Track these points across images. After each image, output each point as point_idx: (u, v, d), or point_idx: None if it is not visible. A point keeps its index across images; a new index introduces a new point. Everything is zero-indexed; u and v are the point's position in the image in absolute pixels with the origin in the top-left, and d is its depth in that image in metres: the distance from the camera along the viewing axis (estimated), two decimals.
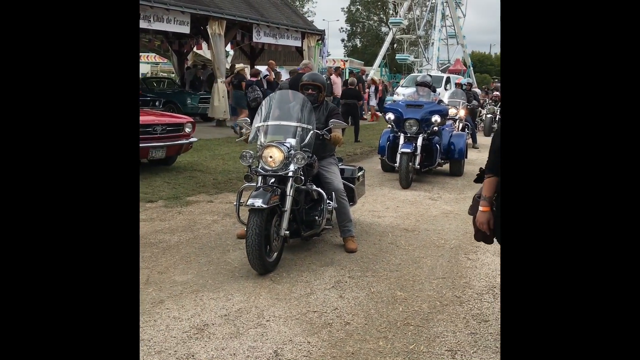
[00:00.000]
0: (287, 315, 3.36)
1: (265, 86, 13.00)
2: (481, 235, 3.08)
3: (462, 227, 5.61)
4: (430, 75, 11.11)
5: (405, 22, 42.87)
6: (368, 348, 2.98)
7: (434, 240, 5.13)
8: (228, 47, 18.09)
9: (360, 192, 5.48)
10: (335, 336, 3.10)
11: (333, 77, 16.32)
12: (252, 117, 12.06)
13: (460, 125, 11.22)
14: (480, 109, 15.78)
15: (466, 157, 9.12)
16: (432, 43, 40.69)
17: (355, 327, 3.23)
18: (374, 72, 35.15)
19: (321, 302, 3.58)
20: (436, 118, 7.89)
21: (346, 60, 36.02)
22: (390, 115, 8.13)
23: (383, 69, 40.73)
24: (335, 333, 3.14)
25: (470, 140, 12.00)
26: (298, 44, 17.32)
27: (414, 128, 7.83)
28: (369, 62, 43.44)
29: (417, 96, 8.50)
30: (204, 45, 17.83)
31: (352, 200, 5.09)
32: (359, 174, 5.38)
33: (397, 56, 44.69)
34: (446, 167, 8.97)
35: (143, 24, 12.42)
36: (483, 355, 2.94)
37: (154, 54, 26.52)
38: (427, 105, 8.11)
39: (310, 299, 3.62)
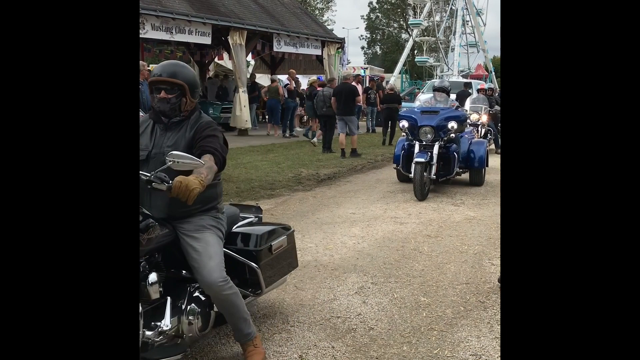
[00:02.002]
0: (311, 321, 3.39)
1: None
2: None
3: (485, 233, 5.58)
4: (468, 83, 10.72)
5: (425, 24, 42.82)
6: (392, 353, 2.99)
7: (457, 246, 5.12)
8: (249, 57, 18.28)
9: (277, 272, 3.14)
10: (359, 341, 3.13)
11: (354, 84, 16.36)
12: (322, 125, 12.28)
13: (483, 130, 11.13)
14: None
15: (487, 166, 8.66)
16: (453, 49, 40.52)
17: (379, 332, 3.25)
18: (394, 79, 35.12)
19: (345, 308, 3.60)
20: (452, 124, 7.38)
21: (366, 68, 36.06)
22: (405, 123, 7.69)
23: (404, 75, 40.67)
24: (359, 338, 3.17)
25: (493, 146, 11.87)
26: (318, 52, 17.46)
27: (429, 136, 7.35)
28: (390, 69, 43.41)
29: (434, 102, 8.14)
30: (225, 55, 18.05)
31: (257, 287, 2.97)
32: (275, 241, 3.10)
33: (417, 58, 44.65)
34: (465, 176, 8.58)
35: (165, 36, 12.67)
36: None
37: None
38: (443, 111, 7.64)
39: (333, 305, 3.65)
